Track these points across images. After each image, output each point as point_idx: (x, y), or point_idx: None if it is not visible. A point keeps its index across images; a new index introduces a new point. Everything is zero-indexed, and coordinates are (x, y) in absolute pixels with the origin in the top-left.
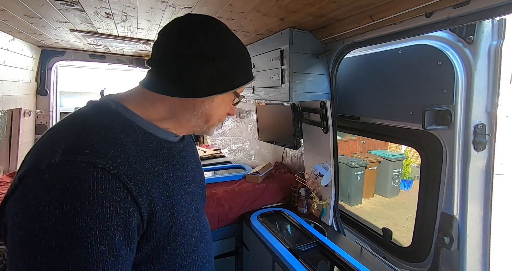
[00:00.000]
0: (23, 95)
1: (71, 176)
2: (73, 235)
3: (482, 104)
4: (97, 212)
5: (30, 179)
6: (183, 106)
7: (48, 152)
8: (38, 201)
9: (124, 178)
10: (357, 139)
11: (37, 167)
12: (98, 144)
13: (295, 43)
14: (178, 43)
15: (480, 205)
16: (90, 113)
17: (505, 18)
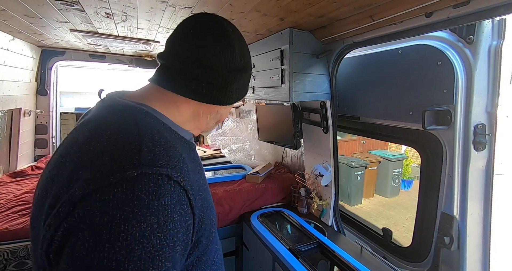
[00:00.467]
0: (23, 95)
1: (149, 190)
2: (147, 255)
3: (482, 104)
4: (169, 227)
5: (97, 194)
6: (207, 110)
7: (117, 164)
8: (110, 219)
9: (189, 190)
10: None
11: (106, 181)
12: (166, 153)
13: (295, 43)
14: (217, 54)
15: (480, 205)
16: (136, 119)
17: (505, 18)
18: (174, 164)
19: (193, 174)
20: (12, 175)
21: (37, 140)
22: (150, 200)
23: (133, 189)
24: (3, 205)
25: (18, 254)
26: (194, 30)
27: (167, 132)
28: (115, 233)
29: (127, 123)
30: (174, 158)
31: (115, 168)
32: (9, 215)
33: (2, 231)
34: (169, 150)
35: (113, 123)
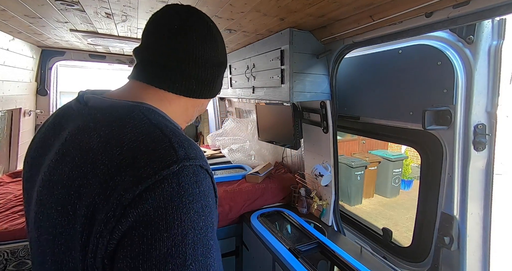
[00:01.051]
0: (23, 95)
1: (190, 180)
2: (198, 237)
3: (482, 104)
4: (209, 210)
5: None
6: (195, 103)
7: (156, 163)
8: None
9: (213, 176)
10: (357, 138)
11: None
12: (192, 147)
13: (295, 43)
14: (203, 50)
15: (480, 205)
16: (152, 120)
17: (505, 18)
18: (201, 155)
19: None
20: (12, 175)
21: None
22: (193, 188)
23: (178, 181)
24: (3, 205)
25: (18, 254)
26: (178, 26)
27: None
28: (170, 223)
29: (143, 123)
30: (198, 150)
31: (156, 167)
32: (9, 215)
33: (2, 231)
34: (192, 143)
35: (129, 125)
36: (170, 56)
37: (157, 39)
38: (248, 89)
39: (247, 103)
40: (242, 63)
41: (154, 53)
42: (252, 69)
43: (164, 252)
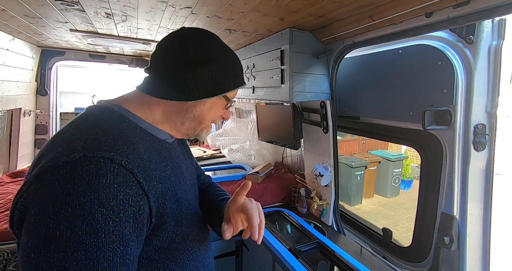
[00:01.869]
0: (23, 95)
1: (90, 170)
2: (88, 226)
3: (482, 104)
4: (112, 204)
5: (47, 174)
6: (176, 109)
7: (66, 149)
8: (55, 195)
9: (137, 173)
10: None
11: (54, 164)
12: (114, 142)
13: (295, 43)
14: (172, 52)
15: (480, 205)
16: (99, 115)
17: (505, 18)
18: (119, 150)
19: (154, 165)
20: (12, 175)
21: (37, 140)
22: (90, 178)
23: (75, 169)
24: (3, 205)
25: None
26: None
27: (131, 129)
28: (59, 207)
29: (90, 119)
30: (122, 145)
31: (63, 153)
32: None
33: (2, 231)
34: (118, 139)
35: (81, 120)
36: (149, 65)
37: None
38: (248, 89)
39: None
40: (242, 63)
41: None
42: (252, 69)
43: (48, 234)
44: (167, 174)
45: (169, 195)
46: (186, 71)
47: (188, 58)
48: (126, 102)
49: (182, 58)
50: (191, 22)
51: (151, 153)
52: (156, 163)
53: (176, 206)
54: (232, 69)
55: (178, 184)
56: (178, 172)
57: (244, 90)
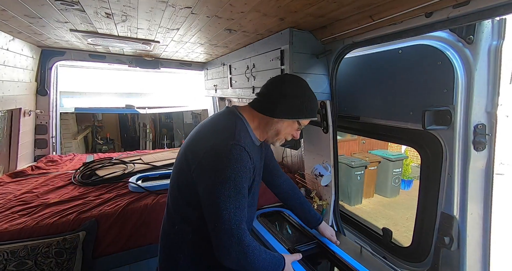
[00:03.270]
0: (23, 95)
1: (237, 151)
2: (236, 179)
3: (482, 104)
4: (246, 169)
5: (217, 150)
6: (266, 122)
7: (226, 138)
8: (222, 161)
9: (251, 154)
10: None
11: (220, 145)
12: (240, 137)
13: (295, 43)
14: (275, 86)
15: (480, 205)
16: (233, 120)
17: (505, 18)
18: (246, 143)
19: (255, 154)
20: (12, 175)
21: (37, 139)
22: (238, 156)
23: (231, 150)
24: (3, 205)
25: (18, 254)
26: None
27: (244, 128)
28: (221, 171)
29: (230, 122)
30: (246, 140)
31: (223, 140)
32: (9, 215)
33: (2, 231)
34: (245, 137)
35: (223, 121)
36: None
37: (264, 88)
38: (248, 89)
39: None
40: (242, 63)
41: (260, 93)
42: (252, 69)
43: (217, 188)
44: (254, 161)
45: (258, 168)
46: (280, 98)
47: (284, 91)
48: (243, 111)
49: (281, 90)
50: (191, 22)
51: (253, 150)
52: (256, 154)
53: (256, 178)
54: (309, 105)
55: (257, 170)
56: (259, 164)
57: (244, 90)
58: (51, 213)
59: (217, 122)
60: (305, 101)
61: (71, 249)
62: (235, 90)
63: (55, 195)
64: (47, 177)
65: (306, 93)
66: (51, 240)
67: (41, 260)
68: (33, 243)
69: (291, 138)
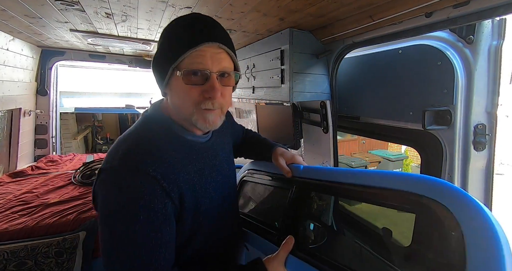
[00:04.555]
0: (23, 95)
1: (123, 175)
2: (125, 217)
3: (482, 104)
4: (141, 203)
5: (103, 173)
6: (168, 104)
7: (112, 157)
8: (105, 190)
9: (160, 178)
10: (357, 139)
11: (106, 166)
12: (143, 153)
13: (295, 43)
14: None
15: None
16: (141, 128)
17: (505, 18)
18: (148, 161)
19: (179, 169)
20: (12, 175)
21: (37, 140)
22: (125, 183)
23: (115, 174)
24: (3, 205)
25: (18, 254)
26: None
27: (166, 135)
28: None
29: (133, 132)
30: (152, 157)
31: (109, 161)
32: (9, 215)
33: (2, 231)
34: (151, 151)
35: (131, 130)
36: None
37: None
38: (248, 89)
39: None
40: (242, 63)
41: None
42: (252, 69)
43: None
44: (191, 176)
45: (189, 194)
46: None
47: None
48: (166, 106)
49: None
50: None
51: (179, 156)
52: (183, 166)
53: (195, 204)
54: (169, 42)
55: (201, 184)
56: (207, 171)
57: (244, 90)
58: (51, 213)
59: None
60: (164, 44)
61: (71, 249)
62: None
63: (55, 195)
64: (47, 177)
65: (165, 35)
66: (51, 240)
67: (41, 260)
68: (33, 243)
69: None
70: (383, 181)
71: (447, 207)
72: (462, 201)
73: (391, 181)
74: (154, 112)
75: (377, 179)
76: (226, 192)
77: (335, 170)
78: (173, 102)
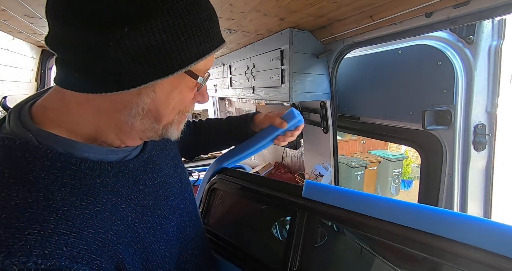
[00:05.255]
0: (23, 95)
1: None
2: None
3: (482, 104)
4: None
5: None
6: (114, 106)
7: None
8: None
9: (67, 264)
10: (357, 139)
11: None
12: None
13: (295, 43)
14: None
15: (480, 205)
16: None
17: (505, 18)
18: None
19: (108, 222)
20: None
21: None
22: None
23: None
24: None
25: None
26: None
27: (59, 175)
28: None
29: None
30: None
31: None
32: None
33: None
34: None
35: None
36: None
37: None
38: (248, 89)
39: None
40: (242, 63)
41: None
42: (252, 69)
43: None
44: (127, 221)
45: (131, 251)
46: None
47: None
48: (47, 113)
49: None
50: None
51: (98, 204)
52: (109, 215)
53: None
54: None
55: (146, 224)
56: (152, 199)
57: (244, 90)
58: None
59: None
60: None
61: None
62: (235, 90)
63: None
64: None
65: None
66: None
67: None
68: None
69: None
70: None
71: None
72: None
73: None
74: (18, 129)
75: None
76: (184, 212)
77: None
78: (152, 108)
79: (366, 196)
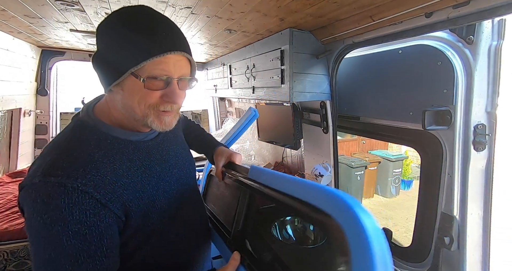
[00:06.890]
0: (23, 95)
1: (46, 193)
2: (51, 237)
3: (482, 104)
4: (69, 219)
5: (23, 190)
6: (112, 103)
7: (34, 171)
8: (27, 209)
9: (92, 191)
10: (357, 139)
11: (26, 182)
12: (70, 166)
13: (295, 43)
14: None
15: (480, 205)
16: (70, 136)
17: (505, 18)
18: (75, 174)
19: (118, 175)
20: (12, 175)
21: (37, 140)
22: (48, 200)
23: (37, 191)
24: (3, 205)
25: (18, 254)
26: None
27: (99, 142)
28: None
29: (59, 141)
30: (80, 168)
31: (31, 175)
32: (9, 215)
33: (2, 231)
34: (79, 162)
35: (55, 139)
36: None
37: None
38: (248, 89)
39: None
40: (242, 63)
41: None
42: (252, 69)
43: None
44: (137, 178)
45: (137, 200)
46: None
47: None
48: (100, 108)
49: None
50: (191, 23)
51: (119, 162)
52: (125, 171)
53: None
54: (130, 41)
55: (151, 184)
56: (159, 168)
57: (244, 90)
58: None
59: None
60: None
61: None
62: (235, 90)
63: None
64: None
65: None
66: None
67: None
68: None
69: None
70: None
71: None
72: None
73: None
74: (86, 117)
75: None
76: (185, 182)
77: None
78: (125, 103)
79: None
